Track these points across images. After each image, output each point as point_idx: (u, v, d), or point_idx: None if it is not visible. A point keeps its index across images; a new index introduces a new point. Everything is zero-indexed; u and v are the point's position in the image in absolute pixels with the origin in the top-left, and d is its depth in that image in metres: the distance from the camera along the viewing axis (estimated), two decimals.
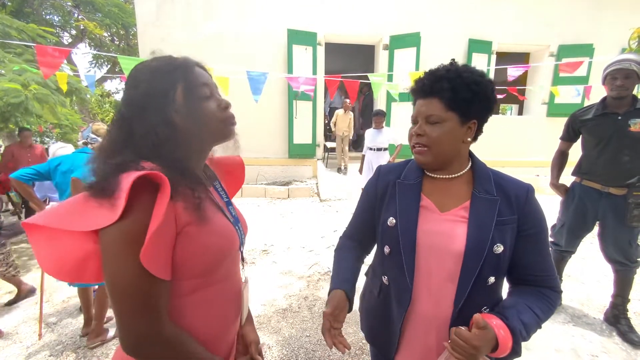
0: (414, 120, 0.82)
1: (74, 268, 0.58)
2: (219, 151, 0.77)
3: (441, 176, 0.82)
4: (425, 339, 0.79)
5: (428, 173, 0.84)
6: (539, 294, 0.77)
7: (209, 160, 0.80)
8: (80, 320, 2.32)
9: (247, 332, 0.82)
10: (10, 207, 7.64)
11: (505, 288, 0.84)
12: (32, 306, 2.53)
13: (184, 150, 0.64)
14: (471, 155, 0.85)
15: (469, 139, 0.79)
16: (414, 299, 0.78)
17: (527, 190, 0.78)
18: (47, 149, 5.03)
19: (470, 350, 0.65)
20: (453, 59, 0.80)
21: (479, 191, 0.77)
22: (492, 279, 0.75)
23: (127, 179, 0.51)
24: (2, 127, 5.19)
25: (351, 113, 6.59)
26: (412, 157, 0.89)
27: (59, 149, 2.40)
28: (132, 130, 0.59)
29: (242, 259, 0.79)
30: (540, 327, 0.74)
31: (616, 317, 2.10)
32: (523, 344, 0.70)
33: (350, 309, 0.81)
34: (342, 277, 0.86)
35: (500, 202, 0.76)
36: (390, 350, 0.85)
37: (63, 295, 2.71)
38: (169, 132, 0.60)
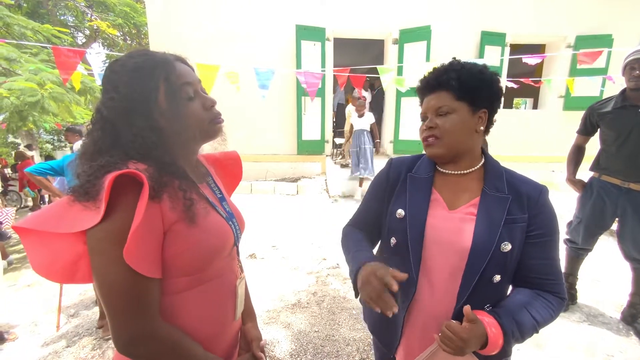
0: (424, 117, 0.82)
1: (64, 269, 0.58)
2: (209, 147, 0.75)
3: (453, 172, 0.82)
4: (424, 334, 0.78)
5: (440, 168, 0.84)
6: (541, 298, 0.74)
7: (203, 157, 0.79)
8: (95, 312, 2.40)
9: (249, 329, 0.82)
10: (29, 203, 7.94)
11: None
12: (51, 299, 2.62)
13: (172, 152, 0.63)
14: (484, 152, 0.84)
15: (482, 128, 0.79)
16: (417, 293, 0.78)
17: (540, 191, 0.76)
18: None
19: (458, 342, 0.65)
20: (454, 57, 0.81)
21: (490, 188, 0.77)
22: (497, 277, 0.74)
23: (108, 179, 0.51)
24: (20, 125, 5.35)
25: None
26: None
27: None
28: (119, 133, 0.58)
29: (238, 254, 0.77)
30: (537, 332, 0.73)
31: (633, 316, 2.04)
32: (535, 341, 0.69)
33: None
34: (365, 256, 0.77)
35: (511, 200, 0.74)
36: (392, 342, 0.84)
37: (80, 288, 2.80)
38: (156, 137, 0.59)
